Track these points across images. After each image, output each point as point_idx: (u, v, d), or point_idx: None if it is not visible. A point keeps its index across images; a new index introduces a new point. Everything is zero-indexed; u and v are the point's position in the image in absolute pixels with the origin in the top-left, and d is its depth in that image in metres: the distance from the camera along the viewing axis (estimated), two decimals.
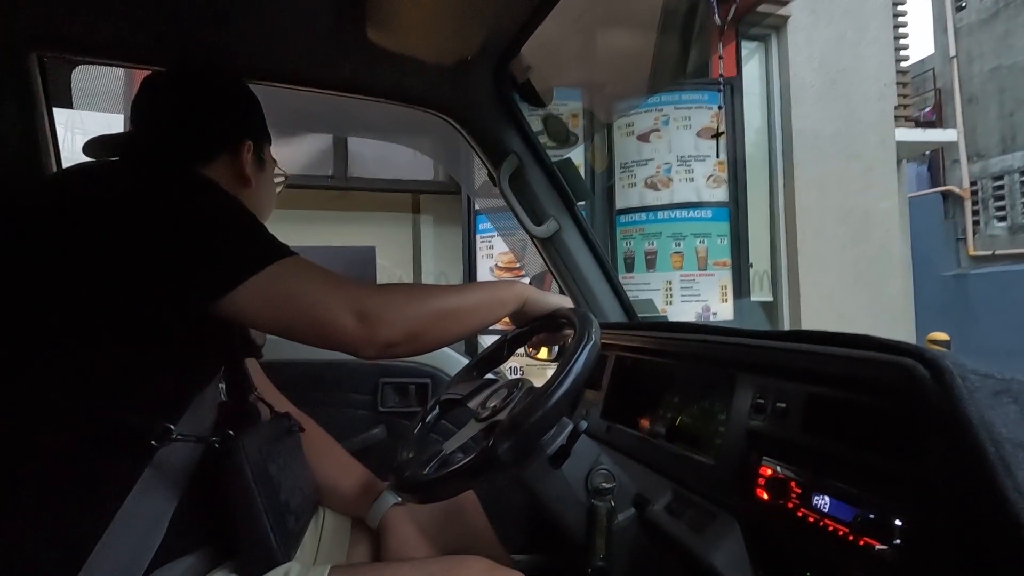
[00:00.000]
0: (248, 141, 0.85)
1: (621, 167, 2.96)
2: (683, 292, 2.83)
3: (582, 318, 0.77)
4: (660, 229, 2.85)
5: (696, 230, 2.84)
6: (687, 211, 2.84)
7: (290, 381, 1.01)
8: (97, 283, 0.62)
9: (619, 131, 2.96)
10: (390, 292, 0.72)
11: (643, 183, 2.89)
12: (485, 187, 2.79)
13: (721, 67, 2.69)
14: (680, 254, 2.83)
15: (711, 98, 2.92)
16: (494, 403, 0.79)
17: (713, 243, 2.84)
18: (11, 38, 0.89)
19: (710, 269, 2.83)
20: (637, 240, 2.90)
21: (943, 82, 9.08)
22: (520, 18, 0.92)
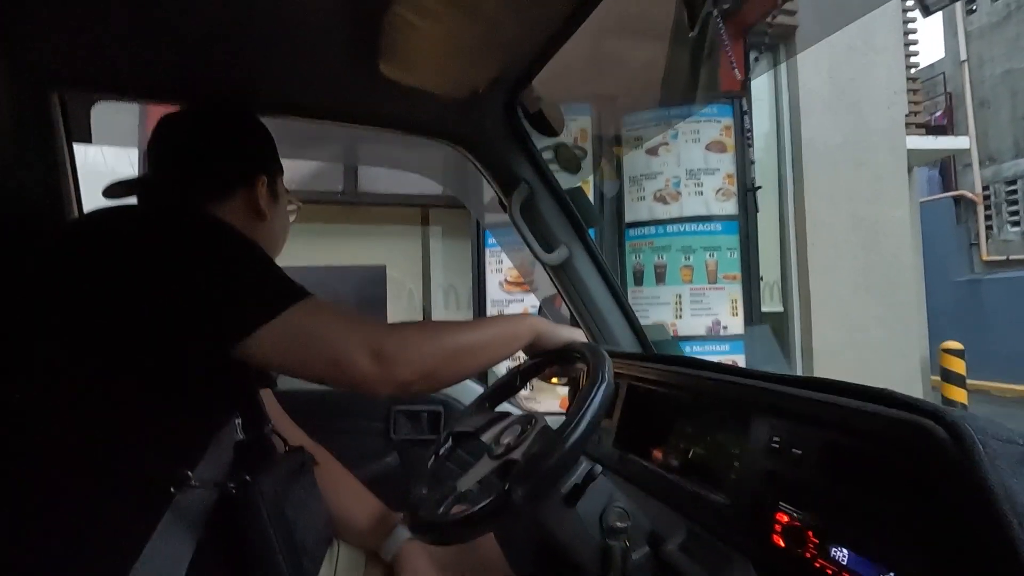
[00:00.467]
0: (263, 176, 0.86)
1: (630, 181, 2.96)
2: (693, 306, 2.81)
3: (596, 356, 0.77)
4: (669, 242, 2.84)
5: (706, 243, 2.83)
6: (696, 224, 2.84)
7: (303, 409, 1.01)
8: (116, 330, 0.63)
9: (628, 145, 2.97)
10: (405, 331, 0.72)
11: (652, 196, 2.89)
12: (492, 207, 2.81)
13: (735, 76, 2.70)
14: (690, 267, 2.82)
15: (721, 111, 2.92)
16: (508, 439, 0.79)
17: (723, 256, 2.83)
18: (32, 78, 0.91)
19: (720, 282, 2.82)
20: (646, 253, 2.89)
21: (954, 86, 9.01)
22: (533, 51, 0.93)
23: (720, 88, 2.96)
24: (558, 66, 1.03)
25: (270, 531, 0.68)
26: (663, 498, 0.87)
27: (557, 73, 1.05)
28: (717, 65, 3.00)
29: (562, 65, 1.03)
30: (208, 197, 0.82)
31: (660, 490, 0.89)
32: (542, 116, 1.09)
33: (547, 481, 0.66)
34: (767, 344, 3.04)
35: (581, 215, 1.16)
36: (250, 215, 0.85)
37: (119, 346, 0.64)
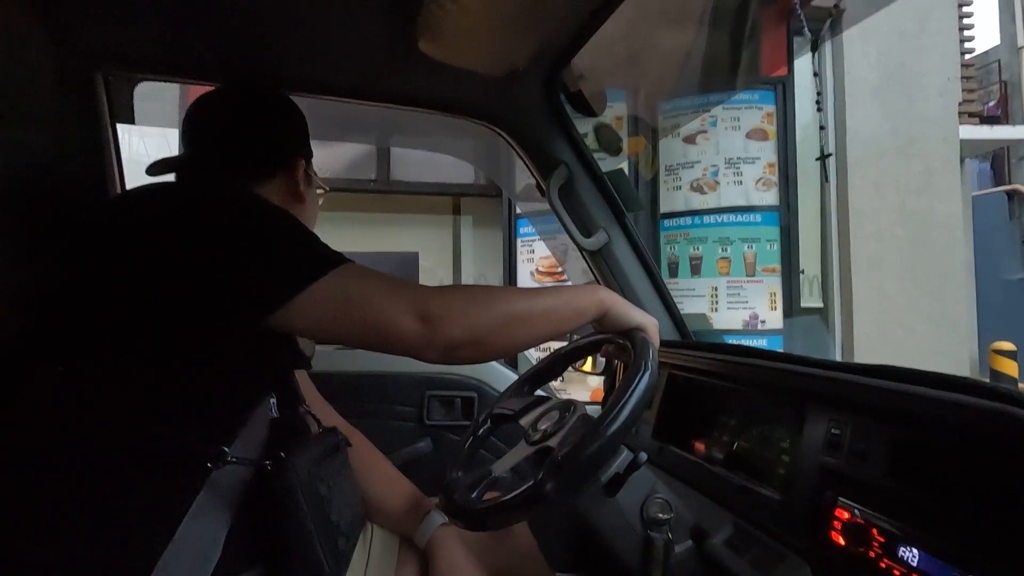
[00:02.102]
0: (301, 159, 0.86)
1: (666, 170, 2.88)
2: (730, 299, 2.73)
3: (640, 343, 0.74)
4: (706, 234, 2.76)
5: (744, 235, 2.74)
6: (735, 215, 2.74)
7: (337, 392, 1.01)
8: (156, 305, 0.63)
9: (664, 133, 2.89)
10: (453, 293, 0.70)
11: (689, 186, 2.81)
12: (527, 191, 2.77)
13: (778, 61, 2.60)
14: (727, 259, 2.74)
15: (762, 97, 2.81)
16: (545, 425, 0.76)
17: (762, 248, 2.74)
18: (78, 58, 0.92)
19: (758, 275, 2.73)
20: (682, 245, 2.82)
21: (1010, 74, 8.54)
22: (573, 28, 0.90)
23: (761, 73, 2.85)
24: (594, 50, 0.99)
25: (304, 508, 0.68)
26: (706, 491, 0.84)
27: (593, 58, 1.02)
28: (758, 49, 2.89)
29: (598, 49, 1.00)
30: (248, 178, 0.82)
31: (703, 483, 0.86)
32: (582, 96, 1.06)
33: (583, 473, 0.64)
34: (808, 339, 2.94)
35: (621, 199, 1.12)
36: (288, 197, 0.85)
37: (159, 321, 0.63)
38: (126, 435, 0.61)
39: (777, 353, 0.82)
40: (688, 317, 1.19)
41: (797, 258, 2.83)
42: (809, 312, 3.45)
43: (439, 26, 0.90)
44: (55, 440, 0.61)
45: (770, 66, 2.92)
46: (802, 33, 3.25)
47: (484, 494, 0.73)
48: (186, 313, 0.63)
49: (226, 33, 0.92)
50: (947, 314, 3.87)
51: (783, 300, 2.75)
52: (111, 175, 1.00)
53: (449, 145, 1.80)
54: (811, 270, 3.56)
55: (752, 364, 0.83)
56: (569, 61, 1.00)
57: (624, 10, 0.89)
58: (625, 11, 0.90)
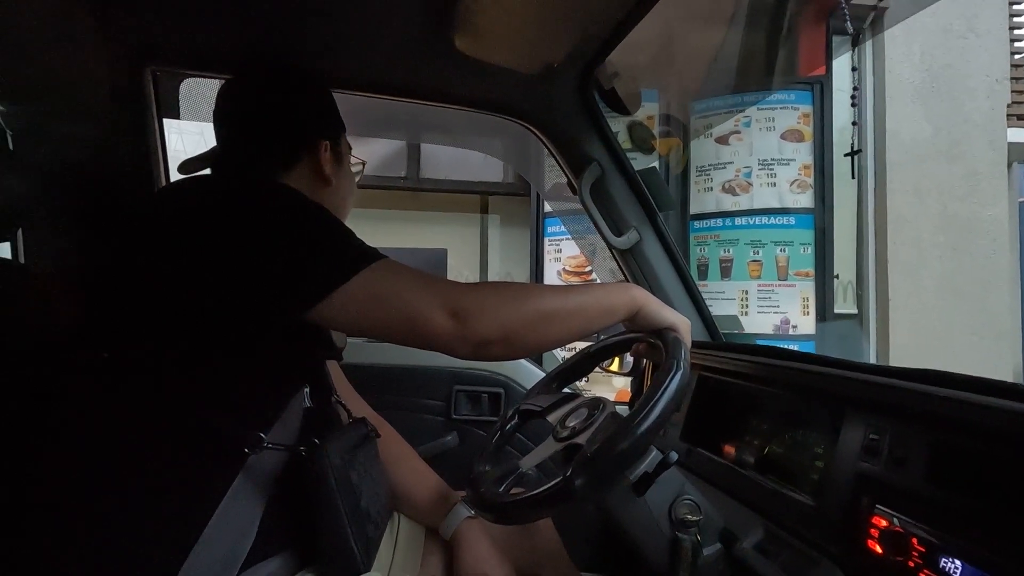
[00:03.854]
0: (324, 140, 0.85)
1: (697, 170, 2.84)
2: (760, 303, 2.67)
3: (672, 342, 0.73)
4: (737, 236, 2.71)
5: (777, 238, 2.67)
6: (768, 217, 2.68)
7: (366, 384, 1.03)
8: (196, 296, 0.65)
9: (696, 133, 2.85)
10: (485, 289, 0.71)
11: (720, 187, 2.76)
12: (556, 189, 2.77)
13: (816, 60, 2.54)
14: (758, 262, 2.68)
15: (799, 98, 2.75)
16: (574, 422, 0.76)
17: (795, 252, 2.67)
18: (128, 54, 0.95)
19: (791, 279, 2.66)
20: (712, 247, 2.77)
21: None
22: (609, 25, 0.89)
23: (799, 72, 2.78)
24: (627, 48, 0.98)
25: (336, 494, 0.69)
26: (736, 494, 0.83)
27: (626, 55, 1.01)
28: (796, 48, 2.83)
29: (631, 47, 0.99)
30: (273, 166, 0.83)
31: (732, 486, 0.84)
32: (616, 94, 1.06)
33: (612, 470, 0.63)
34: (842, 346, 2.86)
35: (654, 198, 1.11)
36: (316, 181, 0.85)
37: (199, 313, 0.65)
38: (167, 420, 0.63)
39: (812, 356, 0.80)
40: (719, 319, 1.18)
41: (832, 263, 2.75)
42: (843, 319, 3.36)
43: (475, 24, 0.91)
44: (99, 423, 0.63)
45: (808, 65, 2.85)
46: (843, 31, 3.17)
47: (511, 488, 0.74)
48: (225, 307, 0.65)
49: (268, 30, 0.94)
50: (991, 324, 3.72)
51: (816, 305, 2.68)
52: (157, 168, 1.03)
53: (479, 142, 1.81)
54: (845, 275, 3.47)
55: (786, 367, 0.82)
56: (604, 59, 0.99)
57: (659, 7, 0.89)
58: (660, 8, 0.90)
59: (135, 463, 0.62)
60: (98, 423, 0.63)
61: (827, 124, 2.82)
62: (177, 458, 0.63)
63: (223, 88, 0.87)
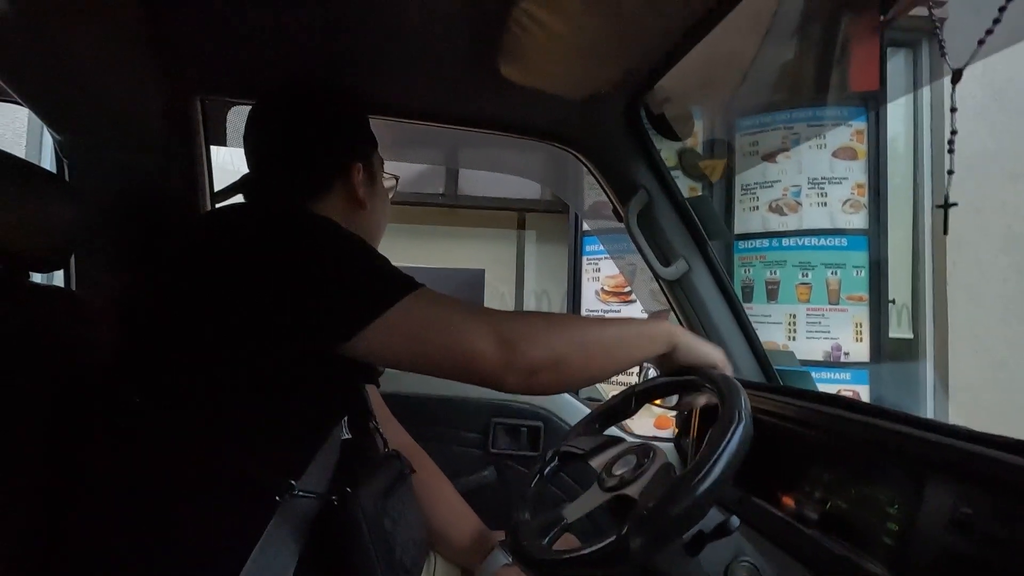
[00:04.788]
0: (357, 163, 0.83)
1: (742, 189, 2.74)
2: (809, 328, 2.55)
3: (730, 388, 0.68)
4: (785, 257, 2.60)
5: (828, 260, 2.55)
6: (818, 238, 2.56)
7: (403, 414, 1.01)
8: (233, 329, 0.63)
9: (741, 150, 2.76)
10: (529, 317, 0.69)
11: (767, 207, 2.65)
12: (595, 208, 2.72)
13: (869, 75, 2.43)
14: (807, 285, 2.56)
15: (852, 114, 2.63)
16: (622, 471, 0.72)
17: (847, 275, 2.54)
18: (180, 85, 0.97)
19: (843, 304, 2.54)
20: (757, 268, 2.67)
21: None
22: (660, 53, 0.86)
23: (851, 89, 2.67)
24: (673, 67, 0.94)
25: (370, 547, 0.67)
26: (797, 555, 0.76)
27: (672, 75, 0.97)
28: (847, 63, 2.72)
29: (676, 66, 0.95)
30: (306, 193, 0.81)
31: (793, 545, 0.78)
32: (665, 119, 1.02)
33: (672, 531, 0.59)
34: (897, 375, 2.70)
35: (704, 227, 1.06)
36: (350, 205, 0.83)
37: (233, 351, 0.63)
38: (200, 466, 0.62)
39: (884, 410, 0.74)
40: (772, 354, 1.11)
41: (887, 287, 2.61)
42: (898, 344, 3.19)
43: (521, 51, 0.88)
44: (131, 470, 0.62)
45: (860, 80, 2.74)
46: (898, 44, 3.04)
47: (555, 541, 0.70)
48: (260, 343, 0.63)
49: (313, 59, 0.94)
50: None
51: (870, 331, 2.54)
52: (203, 193, 1.04)
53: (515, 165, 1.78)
54: (900, 298, 3.30)
55: (852, 419, 0.75)
56: (653, 85, 0.96)
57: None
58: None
59: (164, 512, 0.61)
60: (131, 467, 0.63)
61: (882, 142, 2.69)
62: (208, 506, 0.62)
63: (253, 113, 0.85)
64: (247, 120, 0.85)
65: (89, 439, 0.66)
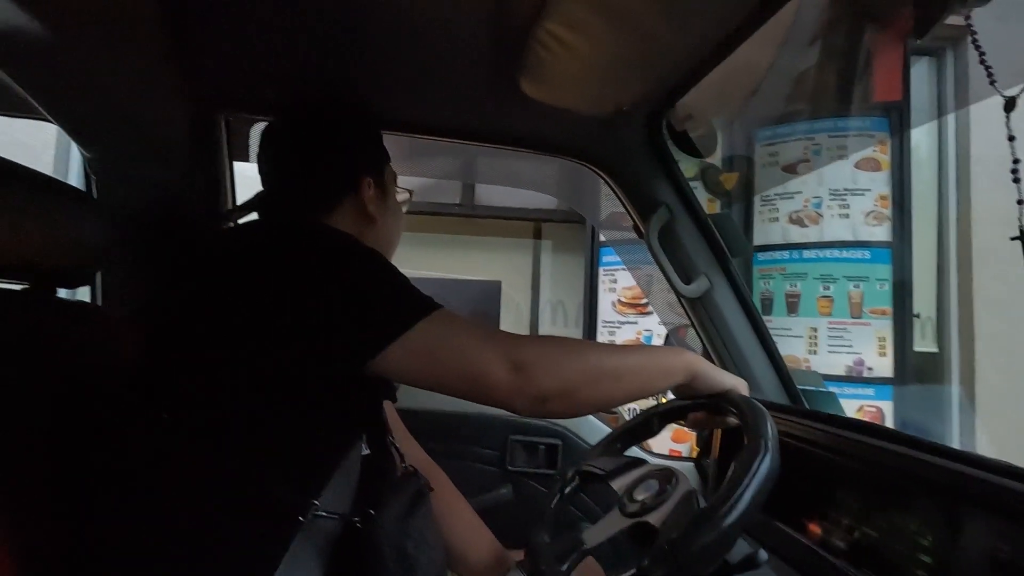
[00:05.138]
0: (367, 178, 0.83)
1: (761, 200, 2.71)
2: (831, 342, 2.50)
3: (756, 416, 0.67)
4: (805, 269, 2.55)
5: (850, 272, 2.50)
6: (840, 251, 2.52)
7: (419, 430, 1.00)
8: (253, 347, 0.63)
9: (760, 161, 2.73)
10: (544, 342, 0.68)
11: (787, 218, 2.62)
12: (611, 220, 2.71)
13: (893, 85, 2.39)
14: (829, 299, 2.51)
15: (875, 125, 2.59)
16: (643, 496, 0.70)
17: (871, 288, 2.49)
18: (204, 103, 0.98)
19: (865, 317, 2.48)
20: (777, 280, 2.62)
21: None
22: (687, 66, 0.85)
23: (874, 99, 2.63)
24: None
25: (390, 568, 0.66)
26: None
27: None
28: (870, 73, 2.68)
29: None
30: (316, 207, 0.81)
31: (819, 574, 0.76)
32: (688, 136, 1.01)
33: (695, 567, 0.57)
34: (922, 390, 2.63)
35: (727, 244, 1.04)
36: (360, 220, 0.83)
37: (254, 369, 0.63)
38: (223, 485, 0.61)
39: (915, 440, 0.72)
40: (796, 374, 1.09)
41: (911, 300, 2.55)
42: (922, 358, 3.11)
43: (543, 68, 0.88)
44: (155, 485, 0.62)
45: (883, 90, 2.69)
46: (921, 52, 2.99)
47: (575, 567, 0.69)
48: (283, 361, 0.63)
49: (336, 77, 0.95)
50: None
51: (894, 346, 2.48)
52: (225, 210, 1.05)
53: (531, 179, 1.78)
54: (925, 311, 3.23)
55: (883, 448, 0.73)
56: (676, 102, 0.95)
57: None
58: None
59: (182, 532, 0.61)
60: (154, 485, 0.63)
61: (906, 152, 2.64)
62: (231, 526, 0.61)
63: (266, 130, 0.86)
64: (261, 138, 0.86)
65: (114, 454, 0.66)
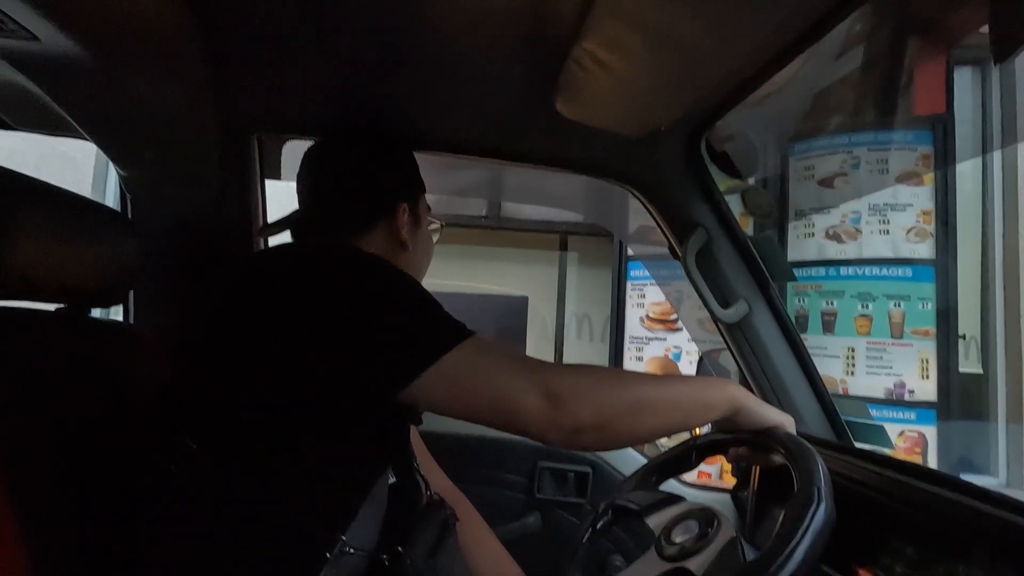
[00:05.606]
0: (403, 203, 0.84)
1: (796, 214, 2.64)
2: (869, 363, 2.40)
3: (806, 459, 0.63)
4: (843, 287, 2.47)
5: (891, 291, 2.40)
6: (880, 268, 2.43)
7: (444, 454, 0.98)
8: (284, 377, 0.62)
9: (795, 175, 2.65)
10: (579, 372, 0.65)
11: (824, 233, 2.54)
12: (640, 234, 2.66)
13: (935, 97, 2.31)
14: (868, 317, 2.42)
15: (917, 138, 2.50)
16: (682, 538, 0.67)
17: (912, 307, 2.38)
18: (237, 122, 0.99)
19: (907, 338, 2.38)
20: (812, 298, 2.54)
21: None
22: (727, 89, 0.82)
23: (916, 112, 2.54)
24: None
25: None
26: None
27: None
28: (912, 84, 2.59)
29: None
30: (350, 230, 0.81)
31: None
32: (728, 156, 0.97)
33: None
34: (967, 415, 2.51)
35: (768, 267, 1.00)
36: (393, 246, 0.83)
37: (287, 395, 0.62)
38: (248, 517, 0.60)
39: (976, 488, 0.66)
40: (841, 403, 1.03)
41: (956, 320, 2.44)
42: (966, 379, 2.98)
43: (579, 87, 0.86)
44: (180, 518, 0.61)
45: (925, 103, 2.60)
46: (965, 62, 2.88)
47: None
48: (310, 388, 0.62)
49: (367, 97, 0.94)
50: None
51: (938, 368, 2.37)
52: (256, 229, 1.05)
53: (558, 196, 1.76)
54: (969, 331, 3.09)
55: (942, 496, 0.68)
56: (716, 122, 0.91)
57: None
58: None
59: (213, 563, 0.60)
60: (178, 514, 0.62)
61: (951, 166, 2.54)
62: (259, 557, 0.60)
63: (308, 152, 0.87)
64: (303, 158, 0.87)
65: (140, 478, 0.66)
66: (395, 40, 0.80)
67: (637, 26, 0.68)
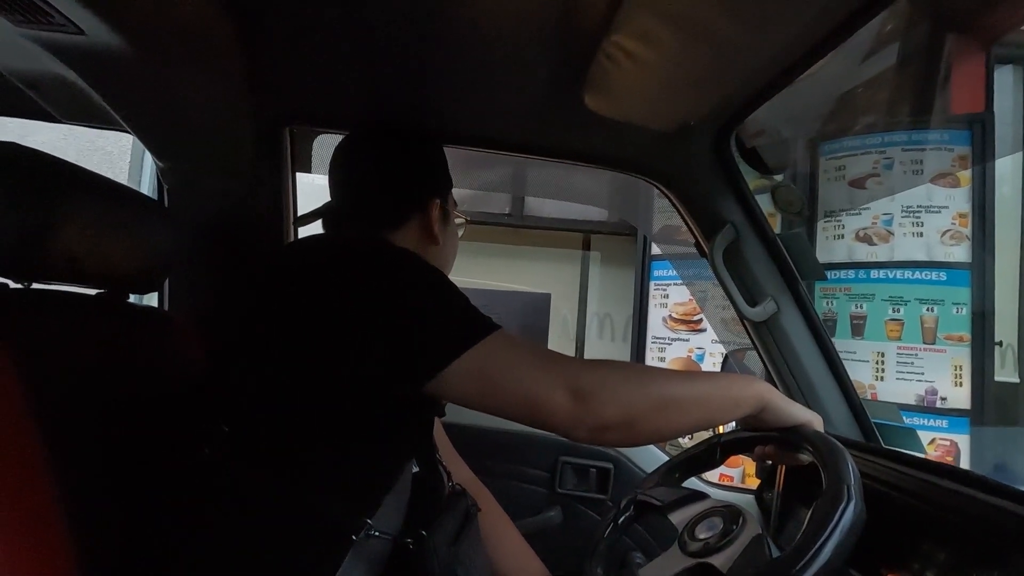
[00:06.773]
0: (436, 199, 0.85)
1: (825, 215, 2.58)
2: (900, 368, 2.34)
3: (836, 458, 0.62)
4: (873, 290, 2.40)
5: (924, 295, 2.33)
6: (912, 271, 2.36)
7: (466, 447, 0.99)
8: (311, 369, 0.63)
9: (825, 175, 2.59)
10: (605, 369, 0.65)
11: (854, 235, 2.48)
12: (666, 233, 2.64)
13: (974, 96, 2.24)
14: (899, 322, 2.36)
15: (953, 138, 2.42)
16: (706, 535, 0.66)
17: (946, 312, 2.31)
18: (271, 115, 1.01)
19: (940, 344, 2.31)
20: (841, 301, 2.48)
21: None
22: (759, 84, 0.81)
23: (953, 110, 2.46)
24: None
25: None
26: None
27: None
28: (949, 83, 2.52)
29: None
30: (383, 224, 0.82)
31: None
32: (758, 153, 0.96)
33: None
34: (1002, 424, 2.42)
35: (797, 266, 0.98)
36: (424, 240, 0.84)
37: (317, 384, 0.63)
38: (278, 501, 0.61)
39: (1016, 491, 0.65)
40: (871, 406, 1.01)
41: (993, 327, 2.36)
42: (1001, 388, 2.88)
43: (608, 82, 0.86)
44: (211, 501, 0.63)
45: (963, 102, 2.52)
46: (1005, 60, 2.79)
47: None
48: (339, 378, 0.63)
49: (398, 91, 0.95)
50: None
51: (972, 376, 2.30)
52: (288, 220, 1.08)
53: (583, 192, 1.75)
54: (1005, 338, 2.99)
55: (977, 498, 0.66)
56: (746, 118, 0.90)
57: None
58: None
59: (242, 543, 0.61)
60: (210, 497, 0.63)
61: (989, 168, 2.46)
62: (286, 541, 0.61)
63: (341, 145, 0.88)
64: (336, 151, 0.88)
65: (174, 461, 0.67)
66: (426, 35, 0.81)
67: (669, 18, 0.68)
